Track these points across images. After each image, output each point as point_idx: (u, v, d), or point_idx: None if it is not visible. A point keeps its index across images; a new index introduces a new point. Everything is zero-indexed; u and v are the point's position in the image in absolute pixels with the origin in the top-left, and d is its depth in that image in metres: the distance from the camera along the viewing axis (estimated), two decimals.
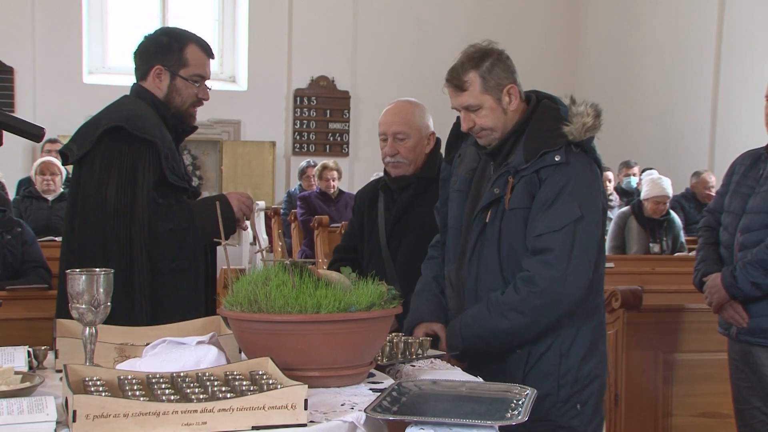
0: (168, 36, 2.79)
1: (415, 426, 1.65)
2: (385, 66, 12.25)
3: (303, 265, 2.00)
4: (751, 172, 3.24)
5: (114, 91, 2.77)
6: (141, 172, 2.59)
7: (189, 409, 1.55)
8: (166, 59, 2.74)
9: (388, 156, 3.05)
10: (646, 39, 11.41)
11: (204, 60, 2.80)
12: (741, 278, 3.04)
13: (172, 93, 2.75)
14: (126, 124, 2.59)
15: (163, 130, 2.70)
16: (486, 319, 2.45)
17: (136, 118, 2.64)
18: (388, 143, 3.03)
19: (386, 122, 3.04)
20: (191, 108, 2.81)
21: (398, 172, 3.07)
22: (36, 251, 4.52)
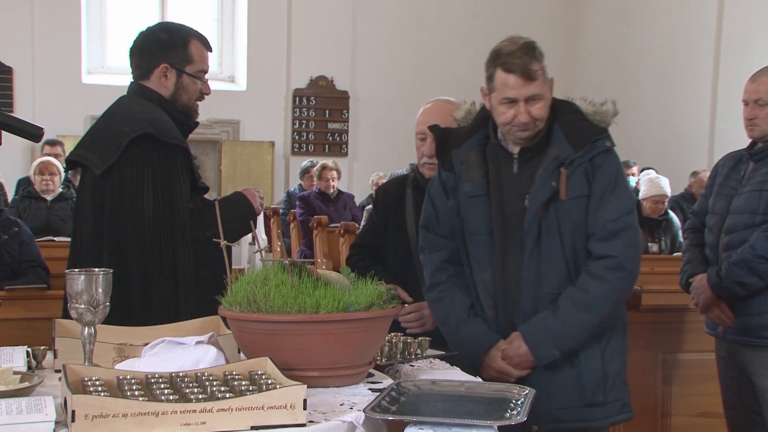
0: (168, 32, 2.72)
1: (414, 426, 1.65)
2: (384, 66, 12.26)
3: (302, 265, 1.99)
4: (733, 173, 3.27)
5: (113, 91, 2.73)
6: (176, 180, 2.54)
7: (188, 409, 1.55)
8: (171, 57, 2.67)
9: (426, 157, 2.92)
10: (646, 39, 11.42)
11: (206, 54, 2.76)
12: (726, 278, 3.09)
13: (179, 91, 2.69)
14: (154, 130, 2.52)
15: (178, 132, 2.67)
16: (575, 316, 2.42)
17: (159, 122, 2.57)
18: (427, 143, 2.91)
19: (426, 122, 2.89)
20: (196, 104, 2.78)
21: (433, 174, 2.87)
22: (34, 251, 4.51)
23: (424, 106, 3.01)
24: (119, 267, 2.44)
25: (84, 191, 2.67)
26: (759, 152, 3.19)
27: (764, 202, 3.08)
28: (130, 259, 2.50)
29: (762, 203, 3.08)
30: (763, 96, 3.16)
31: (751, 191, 3.12)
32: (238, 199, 2.77)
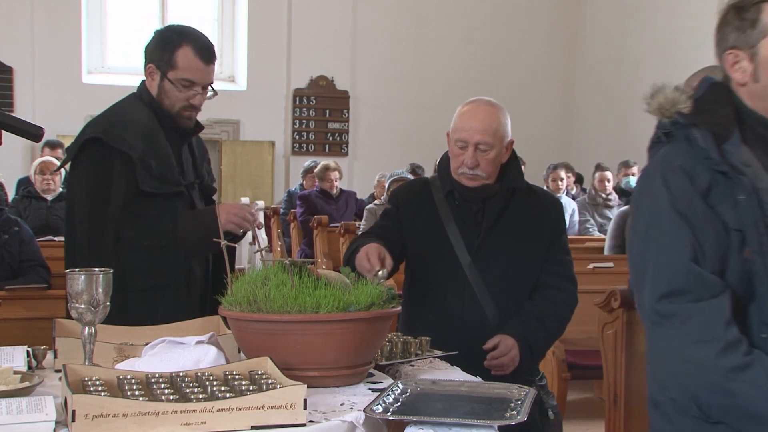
0: (169, 33, 2.68)
1: (414, 426, 1.65)
2: (384, 66, 12.26)
3: (302, 264, 2.00)
4: None
5: (113, 91, 2.74)
6: (114, 186, 2.52)
7: (188, 408, 1.55)
8: (159, 58, 2.63)
9: (466, 167, 2.67)
10: (646, 39, 11.41)
11: (196, 64, 2.62)
12: None
13: (161, 94, 2.65)
14: (104, 135, 2.53)
15: (154, 137, 2.62)
16: None
17: (118, 126, 2.57)
18: (468, 153, 2.64)
19: (469, 129, 2.64)
20: (183, 112, 2.65)
21: (474, 185, 2.70)
22: (34, 250, 4.51)
23: (463, 108, 2.73)
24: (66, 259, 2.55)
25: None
26: None
27: None
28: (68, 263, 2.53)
29: None
30: None
31: None
32: (205, 213, 2.64)
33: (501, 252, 2.71)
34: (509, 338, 2.62)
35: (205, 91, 2.68)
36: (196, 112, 2.70)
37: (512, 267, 2.72)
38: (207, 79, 2.65)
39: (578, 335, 4.62)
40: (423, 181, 2.92)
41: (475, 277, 2.68)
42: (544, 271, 2.76)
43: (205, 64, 2.64)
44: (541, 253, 2.75)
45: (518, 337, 2.63)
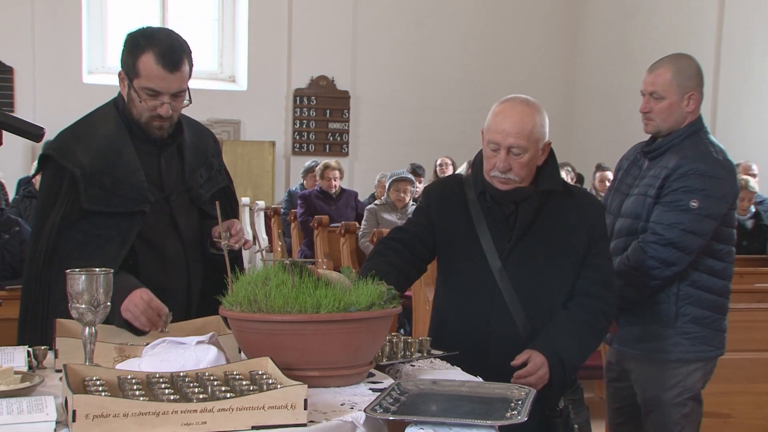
0: (138, 37, 2.46)
1: (414, 426, 1.65)
2: (384, 66, 12.26)
3: (303, 264, 2.00)
4: (632, 169, 3.12)
5: (113, 91, 2.68)
6: (57, 204, 2.45)
7: (189, 408, 1.55)
8: (125, 63, 2.46)
9: (498, 171, 2.52)
10: (646, 39, 11.41)
11: (158, 73, 2.39)
12: None
13: (129, 102, 2.48)
14: (55, 151, 2.48)
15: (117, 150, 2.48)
16: None
17: (74, 141, 2.49)
18: (500, 156, 2.50)
19: (502, 132, 2.49)
20: (151, 122, 2.47)
21: (507, 188, 2.55)
22: None
23: (497, 107, 2.57)
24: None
25: None
26: (653, 150, 3.02)
27: (647, 208, 2.92)
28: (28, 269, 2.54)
29: (645, 209, 2.92)
30: (659, 89, 2.96)
31: (638, 195, 2.97)
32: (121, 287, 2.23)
33: (534, 258, 2.54)
34: (539, 355, 2.44)
35: (177, 100, 2.46)
36: (169, 122, 2.50)
37: (545, 274, 2.54)
38: (171, 87, 2.43)
39: None
40: (457, 179, 2.75)
41: (505, 284, 2.52)
42: (581, 277, 2.56)
43: (169, 72, 2.40)
44: (578, 258, 2.56)
45: (549, 354, 2.45)
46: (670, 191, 2.87)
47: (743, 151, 9.38)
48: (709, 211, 2.86)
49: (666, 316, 2.93)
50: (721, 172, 2.90)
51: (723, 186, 2.90)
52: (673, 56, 3.05)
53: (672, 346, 2.94)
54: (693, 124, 2.98)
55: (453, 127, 12.01)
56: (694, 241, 2.86)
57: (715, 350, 3.02)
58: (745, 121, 9.83)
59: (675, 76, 2.95)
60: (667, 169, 2.90)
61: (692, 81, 2.97)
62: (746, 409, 3.69)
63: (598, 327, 2.59)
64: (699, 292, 2.94)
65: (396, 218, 7.05)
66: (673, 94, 2.94)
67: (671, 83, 2.94)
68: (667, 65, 2.98)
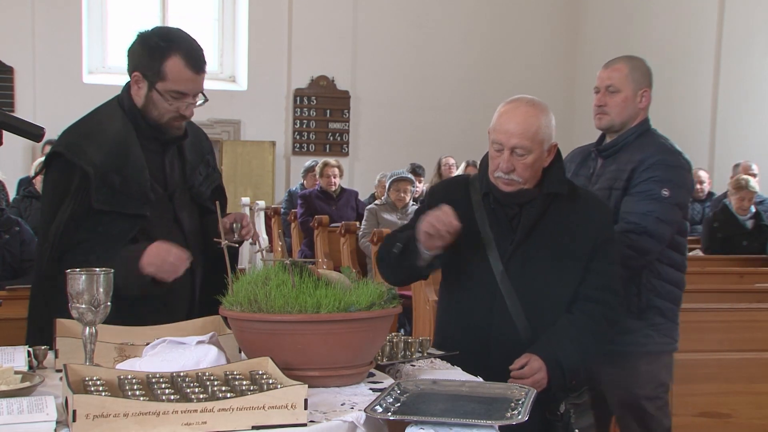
0: (157, 40, 2.48)
1: (415, 426, 1.65)
2: (385, 66, 12.26)
3: (303, 264, 2.00)
4: (581, 170, 3.12)
5: (114, 91, 2.67)
6: (66, 203, 2.43)
7: (189, 408, 1.55)
8: (146, 66, 2.46)
9: (501, 171, 2.51)
10: (646, 39, 11.41)
11: (186, 75, 2.45)
12: None
13: (148, 104, 2.49)
14: (65, 149, 2.45)
15: (125, 149, 2.48)
16: None
17: (83, 139, 2.47)
18: (504, 157, 2.48)
19: (506, 132, 2.48)
20: (172, 122, 2.52)
21: (510, 189, 2.53)
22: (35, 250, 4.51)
23: (503, 107, 2.56)
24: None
25: None
26: (607, 148, 3.04)
27: (614, 201, 2.91)
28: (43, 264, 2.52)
29: (612, 202, 2.91)
30: (616, 83, 3.01)
31: (600, 189, 2.96)
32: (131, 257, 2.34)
33: (536, 261, 2.51)
34: (537, 359, 2.42)
35: (195, 99, 2.53)
36: (185, 121, 2.57)
37: (548, 277, 2.51)
38: (197, 88, 2.51)
39: None
40: (463, 180, 2.72)
41: (506, 287, 2.50)
42: (585, 282, 2.53)
43: (196, 74, 2.48)
44: (582, 262, 2.53)
45: (548, 358, 2.43)
46: (639, 182, 2.90)
47: (743, 151, 9.38)
48: (677, 200, 2.92)
49: (636, 309, 2.93)
50: (684, 164, 3.00)
51: (687, 177, 3.01)
52: (628, 55, 3.18)
53: (643, 338, 2.94)
54: (643, 123, 3.05)
55: (453, 127, 12.02)
56: (666, 229, 2.89)
57: (674, 343, 3.04)
58: (745, 121, 9.83)
59: (631, 71, 3.04)
60: (633, 162, 2.92)
61: (646, 78, 3.06)
62: (746, 409, 3.69)
63: (600, 332, 2.57)
64: (663, 283, 2.96)
65: (396, 218, 7.04)
66: (628, 89, 3.01)
67: (627, 77, 3.03)
68: (623, 61, 3.09)
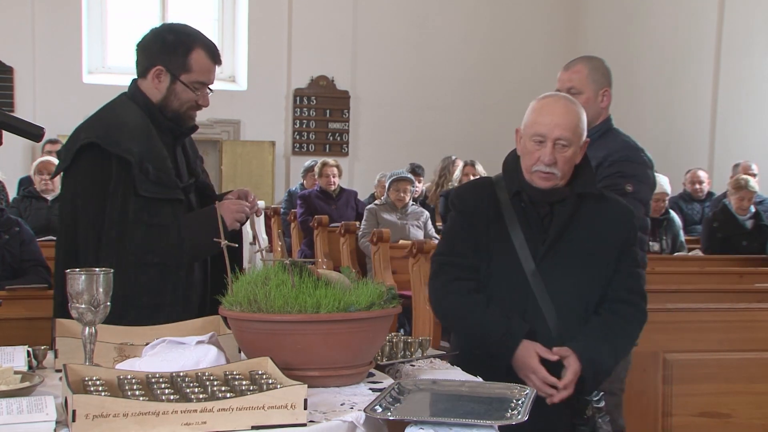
0: (175, 35, 2.62)
1: (414, 426, 1.65)
2: (384, 66, 12.26)
3: (302, 264, 2.00)
4: None
5: (114, 91, 2.69)
6: (112, 192, 2.47)
7: (189, 408, 1.55)
8: (169, 61, 2.58)
9: (542, 164, 2.46)
10: (646, 39, 11.41)
11: (209, 66, 2.63)
12: None
13: (170, 96, 2.60)
14: (101, 140, 2.47)
15: (149, 139, 2.56)
16: None
17: (114, 129, 2.52)
18: (546, 149, 2.45)
19: (548, 123, 2.46)
20: (189, 111, 2.65)
21: (548, 185, 2.50)
22: (35, 250, 4.50)
23: (539, 102, 2.55)
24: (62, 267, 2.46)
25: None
26: None
27: None
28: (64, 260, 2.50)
29: None
30: (576, 84, 3.00)
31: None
32: (208, 215, 2.57)
33: (567, 261, 2.49)
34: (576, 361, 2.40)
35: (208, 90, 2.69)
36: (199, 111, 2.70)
37: (578, 277, 2.50)
38: (214, 79, 2.67)
39: None
40: (487, 182, 2.67)
41: (538, 287, 2.47)
42: (612, 283, 2.53)
43: (216, 65, 2.65)
44: (610, 264, 2.53)
45: (585, 359, 2.41)
46: (603, 177, 2.90)
47: (743, 151, 9.38)
48: (640, 196, 2.93)
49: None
50: (647, 161, 3.03)
51: (650, 174, 3.03)
52: (586, 56, 3.21)
53: None
54: (606, 121, 3.08)
55: (453, 127, 12.01)
56: None
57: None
58: (745, 121, 9.83)
59: (591, 72, 3.06)
60: (597, 158, 2.90)
61: (606, 78, 3.09)
62: (746, 409, 3.69)
63: (632, 335, 2.59)
64: None
65: (396, 218, 7.05)
66: (589, 89, 3.03)
67: (587, 78, 3.04)
68: (583, 62, 3.10)
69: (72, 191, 2.55)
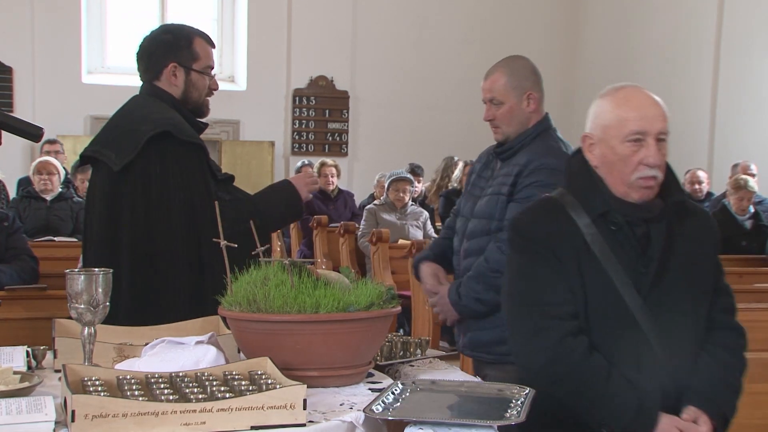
0: (171, 33, 2.77)
1: (414, 426, 1.65)
2: (384, 66, 12.26)
3: (302, 264, 2.00)
4: (485, 172, 3.02)
5: (113, 91, 2.72)
6: (196, 176, 2.59)
7: (188, 409, 1.55)
8: (179, 56, 2.72)
9: (646, 167, 2.10)
10: (646, 39, 11.41)
11: (210, 51, 2.81)
12: (465, 295, 2.82)
13: (189, 88, 2.74)
14: (172, 128, 2.58)
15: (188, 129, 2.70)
16: None
17: (176, 121, 2.63)
18: (651, 148, 2.11)
19: (645, 117, 2.13)
20: (206, 98, 2.82)
21: (650, 195, 2.14)
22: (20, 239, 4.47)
23: (614, 95, 2.22)
24: (141, 261, 2.52)
25: (99, 187, 2.68)
26: (505, 151, 2.92)
27: (500, 207, 2.82)
28: (156, 253, 2.53)
29: (498, 208, 2.82)
30: (497, 95, 2.89)
31: (491, 195, 2.88)
32: (282, 188, 2.85)
33: (674, 288, 2.11)
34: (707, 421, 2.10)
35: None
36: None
37: (686, 306, 2.14)
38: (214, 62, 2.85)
39: None
40: (555, 204, 2.20)
41: (648, 324, 2.06)
42: (713, 305, 2.21)
43: (213, 49, 2.84)
44: (711, 284, 2.20)
45: (715, 414, 2.13)
46: (522, 187, 2.79)
47: (743, 151, 9.38)
48: None
49: None
50: None
51: None
52: (506, 59, 3.00)
53: None
54: (540, 123, 2.92)
55: (453, 127, 12.00)
56: None
57: None
58: (744, 121, 9.83)
59: (509, 78, 2.89)
60: (519, 166, 2.82)
61: (528, 81, 2.91)
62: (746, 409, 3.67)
63: (742, 366, 2.29)
64: None
65: (395, 218, 7.05)
66: (511, 98, 2.88)
67: (506, 86, 2.88)
68: (501, 69, 2.93)
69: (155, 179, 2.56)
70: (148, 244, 2.55)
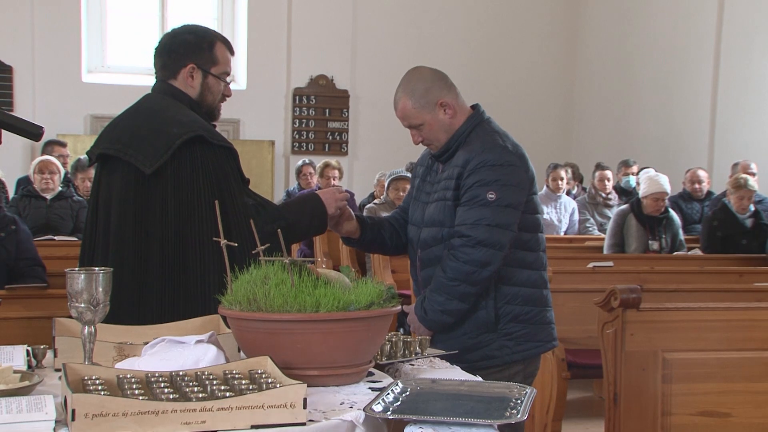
0: (195, 34, 2.77)
1: (414, 425, 1.65)
2: (384, 65, 12.24)
3: (302, 264, 2.00)
4: (429, 175, 3.02)
5: (113, 90, 2.71)
6: (229, 180, 2.59)
7: (188, 408, 1.55)
8: (198, 58, 2.72)
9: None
10: (646, 39, 11.41)
11: (229, 57, 2.82)
12: (430, 309, 2.82)
13: (204, 91, 2.74)
14: (206, 133, 2.57)
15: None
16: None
17: (206, 124, 2.65)
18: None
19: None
20: (220, 103, 2.83)
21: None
22: (31, 248, 4.49)
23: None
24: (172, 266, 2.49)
25: (121, 188, 2.60)
26: (443, 153, 2.93)
27: (448, 213, 2.82)
28: (187, 254, 2.50)
29: (447, 214, 2.83)
30: (411, 120, 2.90)
31: (437, 200, 2.88)
32: (309, 199, 2.81)
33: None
34: None
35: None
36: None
37: None
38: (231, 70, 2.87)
39: (578, 334, 4.62)
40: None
41: None
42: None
43: (233, 56, 2.87)
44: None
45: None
46: (466, 189, 2.78)
47: (743, 151, 9.39)
48: (507, 201, 2.76)
49: (486, 322, 2.83)
50: (511, 159, 2.81)
51: (516, 173, 2.81)
52: (404, 79, 2.93)
53: (497, 350, 2.83)
54: (470, 119, 2.90)
55: None
56: (503, 234, 2.75)
57: (543, 344, 2.93)
58: (744, 120, 9.83)
59: (413, 101, 2.86)
60: (458, 167, 2.81)
61: (432, 92, 2.88)
62: (746, 409, 3.69)
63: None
64: (515, 288, 2.84)
65: None
66: (424, 115, 2.87)
67: (414, 109, 2.87)
68: (402, 94, 2.90)
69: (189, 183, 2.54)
70: (178, 248, 2.51)
